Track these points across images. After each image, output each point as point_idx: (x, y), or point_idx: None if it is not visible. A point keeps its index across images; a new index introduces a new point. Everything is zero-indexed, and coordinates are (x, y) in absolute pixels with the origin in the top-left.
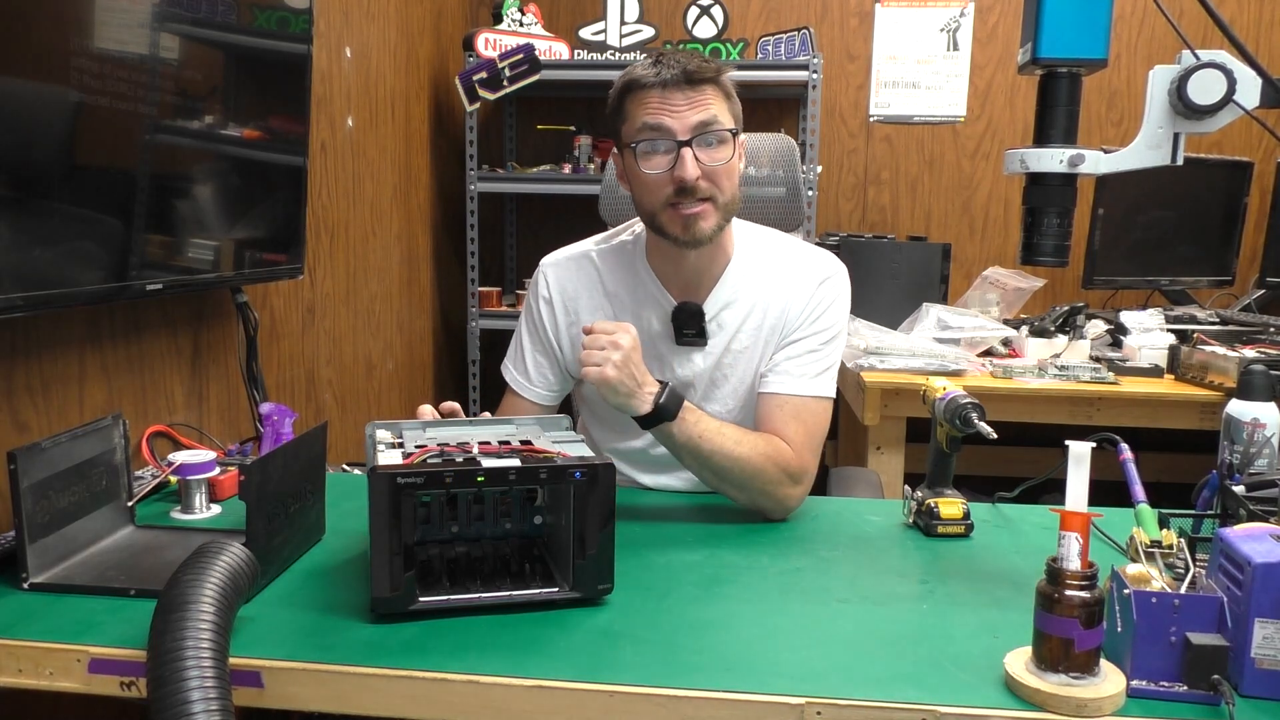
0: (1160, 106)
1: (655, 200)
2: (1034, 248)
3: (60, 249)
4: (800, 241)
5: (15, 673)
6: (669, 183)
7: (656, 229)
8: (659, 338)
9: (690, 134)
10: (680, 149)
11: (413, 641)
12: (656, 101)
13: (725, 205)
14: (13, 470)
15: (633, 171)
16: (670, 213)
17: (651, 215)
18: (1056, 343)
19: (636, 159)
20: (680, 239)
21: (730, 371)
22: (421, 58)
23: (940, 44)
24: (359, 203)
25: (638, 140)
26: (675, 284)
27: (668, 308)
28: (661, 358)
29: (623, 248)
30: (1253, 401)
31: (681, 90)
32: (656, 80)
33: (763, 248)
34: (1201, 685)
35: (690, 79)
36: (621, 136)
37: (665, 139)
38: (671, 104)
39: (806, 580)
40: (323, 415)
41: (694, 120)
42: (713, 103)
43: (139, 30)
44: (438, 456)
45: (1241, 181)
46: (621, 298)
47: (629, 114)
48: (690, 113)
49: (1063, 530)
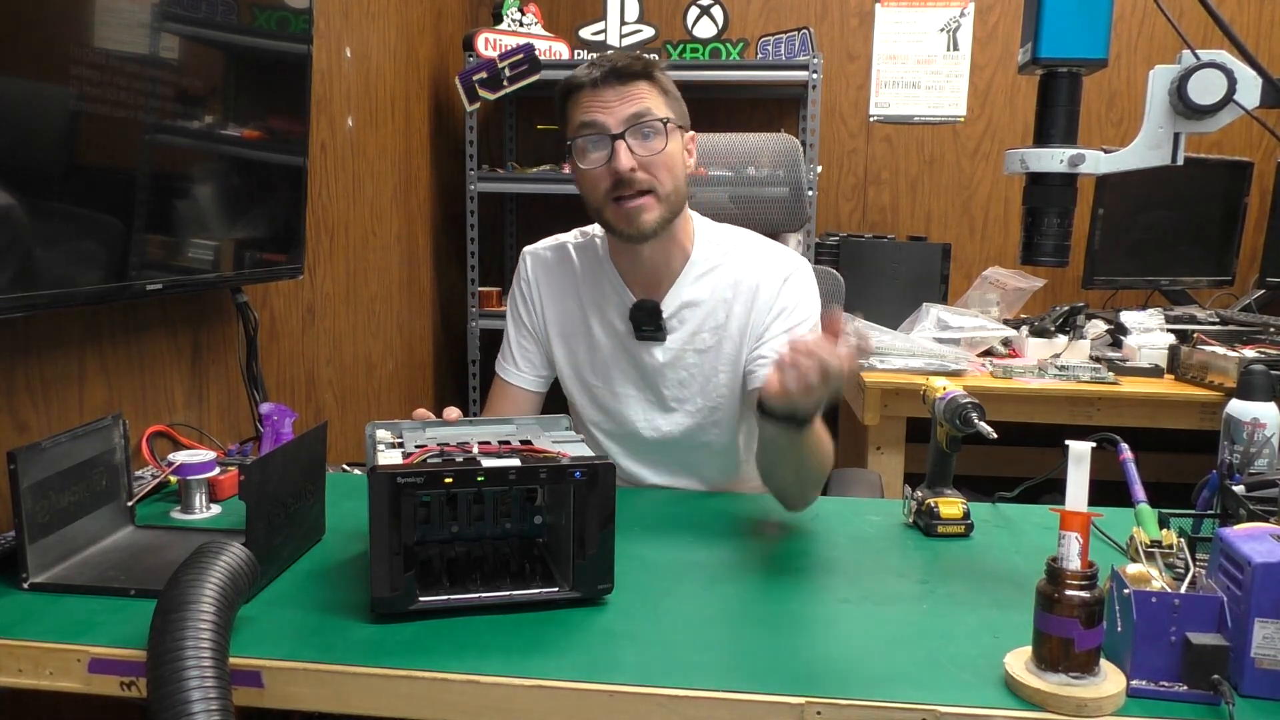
0: (1160, 106)
1: (597, 195)
2: (1034, 247)
3: (60, 249)
4: (759, 239)
5: (15, 673)
6: (606, 176)
7: (605, 225)
8: (622, 333)
9: (622, 126)
10: (614, 142)
11: (413, 641)
12: (589, 99)
13: (667, 197)
14: (13, 470)
15: (575, 171)
16: (614, 208)
17: (598, 211)
18: (1056, 343)
19: (575, 157)
20: (625, 232)
21: (696, 370)
22: (421, 58)
23: (940, 44)
24: (359, 203)
25: (574, 137)
26: (636, 281)
27: (628, 304)
28: (625, 351)
29: (592, 243)
30: (1253, 401)
31: (612, 87)
32: (588, 80)
33: (722, 246)
34: (1201, 685)
35: (620, 75)
36: (565, 140)
37: (599, 134)
38: (603, 100)
39: (806, 580)
40: (323, 415)
41: (626, 113)
42: (646, 97)
43: (139, 30)
44: (438, 456)
45: (1241, 181)
46: (589, 292)
47: (569, 116)
48: (621, 106)
49: (1063, 530)
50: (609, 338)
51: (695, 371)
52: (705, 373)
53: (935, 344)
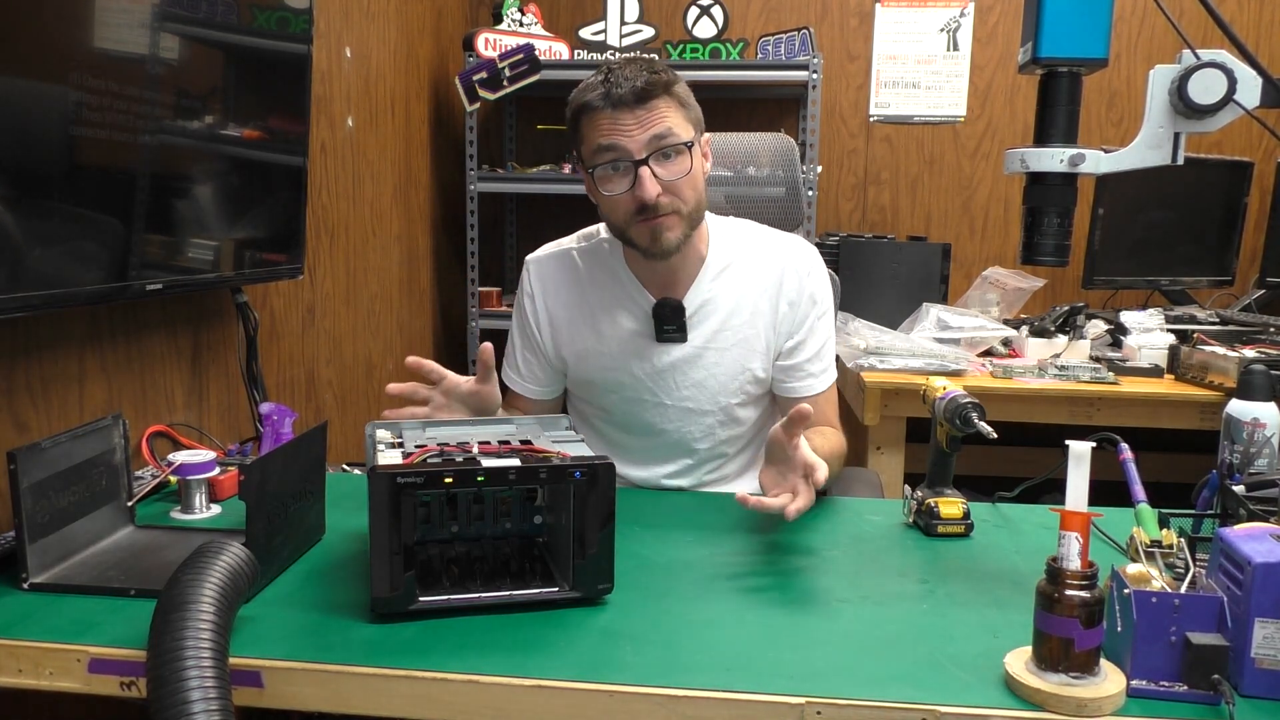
0: (1160, 106)
1: (620, 218)
2: (1034, 247)
3: (60, 249)
4: (764, 229)
5: (15, 673)
6: (630, 202)
7: (627, 242)
8: (636, 335)
9: (645, 151)
10: (638, 169)
11: (413, 641)
12: (608, 123)
13: (690, 214)
14: (13, 470)
15: (595, 192)
16: (638, 226)
17: (620, 231)
18: (1056, 343)
19: (596, 183)
20: (649, 250)
21: (716, 369)
22: (421, 58)
23: (940, 44)
24: (359, 203)
25: (595, 164)
26: (653, 282)
27: (646, 306)
28: (638, 353)
29: (599, 246)
30: (1253, 401)
31: (631, 110)
32: (606, 102)
33: (734, 242)
34: (1201, 685)
35: (640, 97)
36: (582, 158)
37: (622, 158)
38: (623, 124)
39: (806, 580)
40: (323, 415)
41: (647, 137)
42: (667, 115)
43: (139, 30)
44: (438, 456)
45: (1241, 181)
46: (599, 296)
47: (584, 136)
48: (642, 131)
49: (1063, 530)
50: (619, 340)
51: (716, 370)
52: (728, 371)
53: (935, 344)
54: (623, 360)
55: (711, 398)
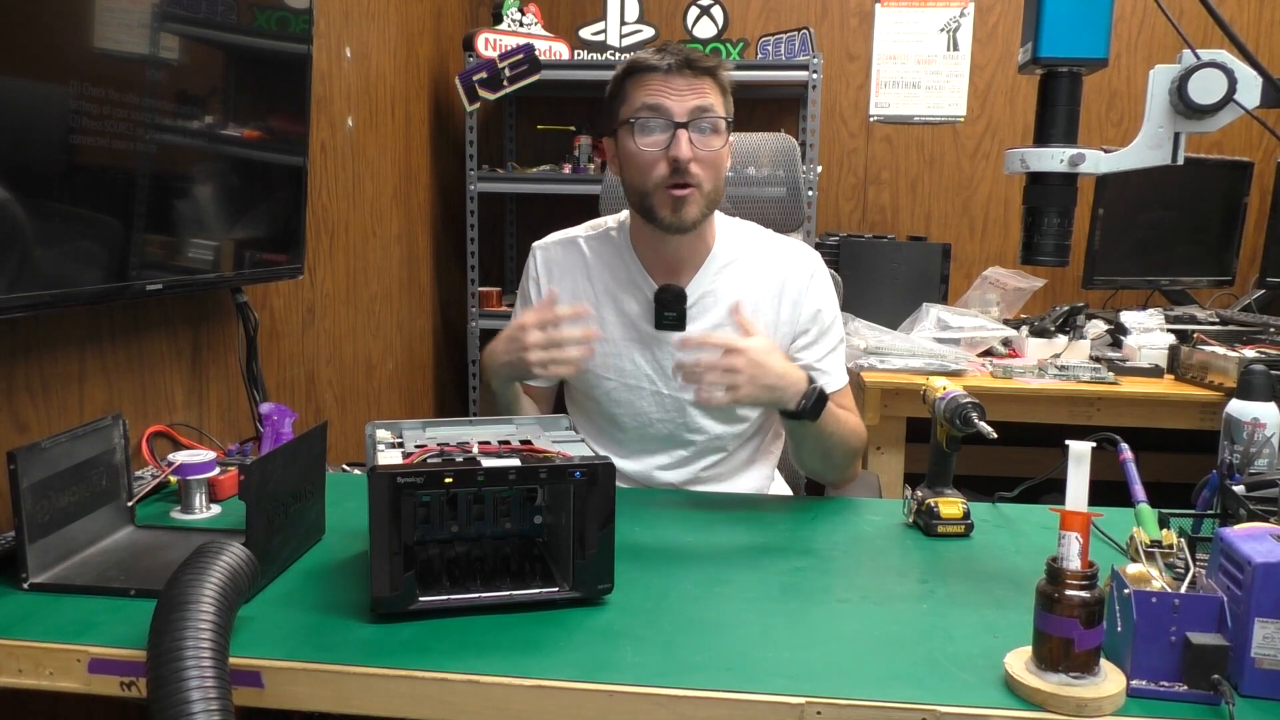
0: (1161, 106)
1: (647, 180)
2: (1034, 247)
3: (60, 249)
4: (770, 234)
5: (15, 673)
6: (662, 161)
7: (645, 211)
8: (638, 319)
9: (688, 117)
10: (676, 130)
11: (413, 641)
12: (659, 84)
13: (709, 195)
14: (13, 470)
15: (626, 151)
16: (661, 194)
17: (642, 196)
18: (1056, 343)
19: (634, 135)
20: (668, 220)
21: None
22: (421, 58)
23: (940, 44)
24: (359, 203)
25: (636, 117)
26: (658, 269)
27: (649, 292)
28: (641, 342)
29: (608, 235)
30: (1253, 401)
31: (684, 75)
32: (660, 64)
33: (740, 241)
34: (1201, 685)
35: (692, 66)
36: (618, 116)
37: (663, 118)
38: (672, 87)
39: (806, 580)
40: (323, 415)
41: (692, 104)
42: (710, 93)
43: (139, 30)
44: (438, 456)
45: (1241, 181)
46: (604, 281)
47: (629, 95)
48: (690, 97)
49: (1063, 530)
50: (623, 328)
51: None
52: None
53: (935, 344)
54: (623, 346)
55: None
